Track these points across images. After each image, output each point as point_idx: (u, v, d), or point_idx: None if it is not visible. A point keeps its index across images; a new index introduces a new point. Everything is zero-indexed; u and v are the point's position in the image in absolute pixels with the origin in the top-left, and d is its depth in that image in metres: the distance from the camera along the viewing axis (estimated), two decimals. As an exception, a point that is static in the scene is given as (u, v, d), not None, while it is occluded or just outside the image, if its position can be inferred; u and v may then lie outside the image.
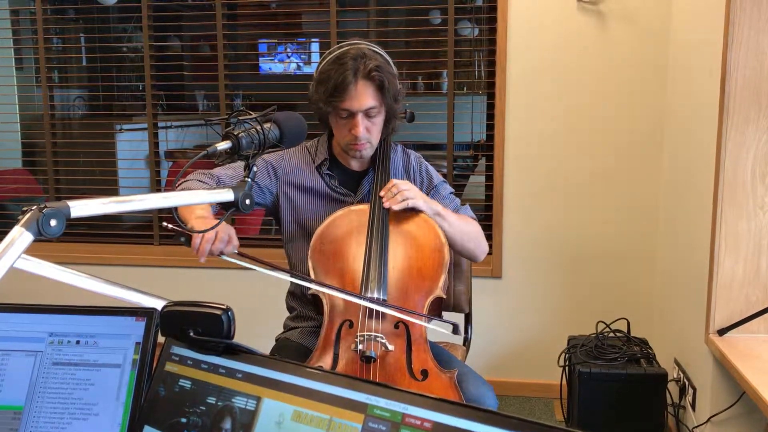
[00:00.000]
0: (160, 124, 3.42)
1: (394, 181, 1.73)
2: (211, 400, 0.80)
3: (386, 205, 1.69)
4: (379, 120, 1.74)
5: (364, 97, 1.68)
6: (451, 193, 1.92)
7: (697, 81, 2.36)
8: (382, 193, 1.72)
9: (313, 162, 1.85)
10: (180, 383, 0.83)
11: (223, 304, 0.83)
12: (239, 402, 0.78)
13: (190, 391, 0.82)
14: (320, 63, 1.74)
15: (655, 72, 2.80)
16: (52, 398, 0.95)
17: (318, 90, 1.71)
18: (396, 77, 1.74)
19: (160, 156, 3.60)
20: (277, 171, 1.83)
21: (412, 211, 1.74)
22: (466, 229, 1.81)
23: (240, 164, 1.42)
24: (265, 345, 1.88)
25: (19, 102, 3.65)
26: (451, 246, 1.79)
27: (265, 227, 3.67)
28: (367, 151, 1.78)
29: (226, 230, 1.58)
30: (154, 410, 0.84)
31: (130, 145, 3.68)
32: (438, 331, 1.64)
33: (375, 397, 0.70)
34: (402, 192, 1.69)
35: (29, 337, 0.99)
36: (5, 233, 0.79)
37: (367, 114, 1.71)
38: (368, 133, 1.73)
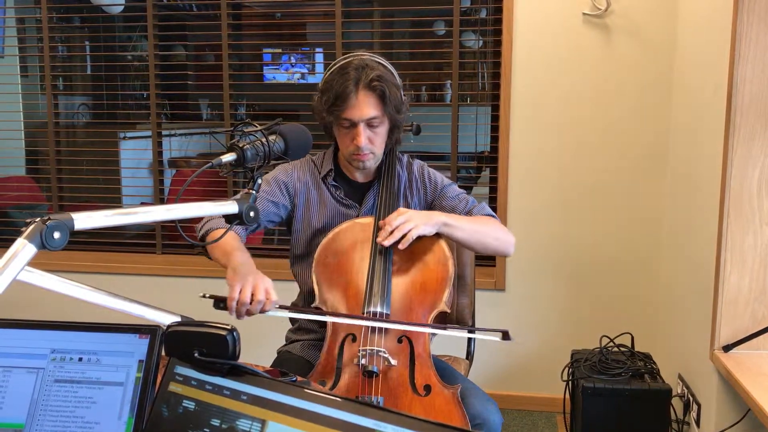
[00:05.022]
0: (163, 132, 3.42)
1: (389, 218, 1.66)
2: (215, 422, 0.79)
3: (386, 244, 1.62)
4: (381, 130, 1.74)
5: (365, 106, 1.68)
6: (461, 193, 1.86)
7: (702, 96, 2.36)
8: (378, 239, 1.65)
9: (319, 173, 1.85)
10: (183, 404, 0.82)
11: (228, 324, 0.82)
12: (244, 425, 0.77)
13: (194, 413, 0.81)
14: (324, 74, 1.75)
15: (660, 85, 2.79)
16: (53, 416, 0.94)
17: (321, 100, 1.73)
18: (399, 88, 1.74)
19: (163, 164, 3.59)
20: (288, 187, 1.83)
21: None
22: (482, 229, 1.76)
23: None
24: (266, 357, 1.87)
25: (23, 109, 3.65)
26: (474, 250, 1.77)
27: (268, 236, 3.66)
28: (371, 162, 1.77)
29: (262, 286, 1.49)
30: (157, 431, 0.83)
31: (134, 153, 3.68)
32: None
33: (383, 423, 0.69)
34: (399, 227, 1.62)
35: (31, 353, 0.98)
36: (7, 240, 0.79)
37: (370, 124, 1.71)
38: (371, 143, 1.73)
